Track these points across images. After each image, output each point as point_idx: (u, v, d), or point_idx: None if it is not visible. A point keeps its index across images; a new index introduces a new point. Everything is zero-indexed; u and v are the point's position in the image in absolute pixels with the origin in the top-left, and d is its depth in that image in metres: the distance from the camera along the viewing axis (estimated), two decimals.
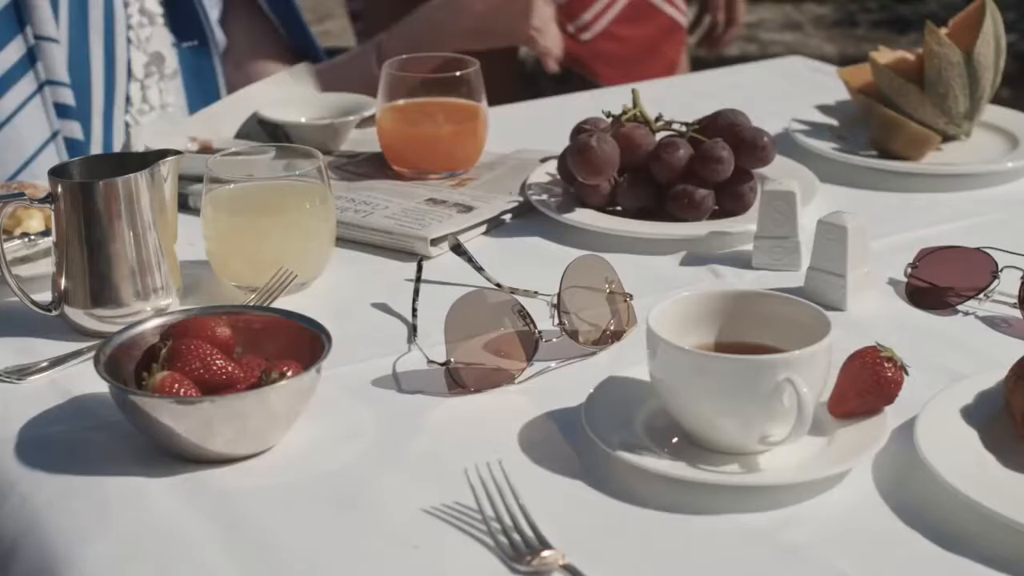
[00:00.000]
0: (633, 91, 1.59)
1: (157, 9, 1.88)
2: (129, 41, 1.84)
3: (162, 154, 1.34)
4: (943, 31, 1.71)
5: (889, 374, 1.11)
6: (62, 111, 1.77)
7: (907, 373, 1.12)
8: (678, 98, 1.90)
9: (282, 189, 1.40)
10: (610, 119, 1.56)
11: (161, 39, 1.88)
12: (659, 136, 1.55)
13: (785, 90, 2.03)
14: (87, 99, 1.81)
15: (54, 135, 1.77)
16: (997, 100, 1.80)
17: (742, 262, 1.45)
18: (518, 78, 2.88)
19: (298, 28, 2.03)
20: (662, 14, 2.69)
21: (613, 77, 2.60)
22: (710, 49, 2.83)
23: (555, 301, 1.27)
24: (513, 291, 1.35)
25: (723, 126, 1.53)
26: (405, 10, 2.06)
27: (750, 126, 1.53)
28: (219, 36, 1.95)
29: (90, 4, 1.80)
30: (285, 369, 1.12)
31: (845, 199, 1.62)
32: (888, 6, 3.41)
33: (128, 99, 1.85)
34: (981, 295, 1.35)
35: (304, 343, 1.17)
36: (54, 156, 1.76)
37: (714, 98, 1.72)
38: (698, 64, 2.73)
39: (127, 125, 1.84)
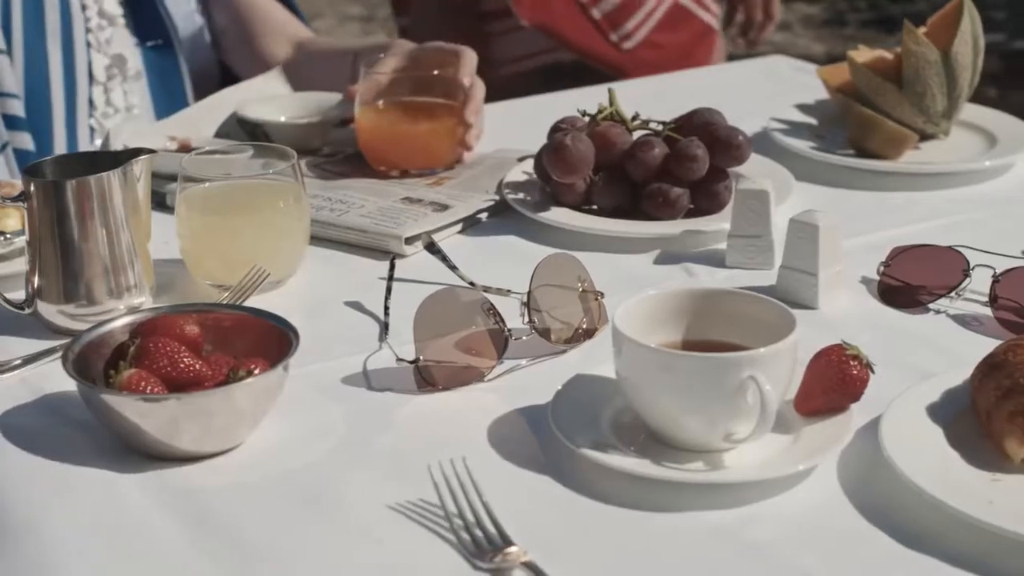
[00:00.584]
0: (609, 90, 1.59)
1: (117, 10, 1.87)
2: (89, 44, 1.84)
3: (135, 153, 1.34)
4: (921, 30, 1.71)
5: (855, 372, 1.11)
6: (11, 123, 1.77)
7: (873, 371, 1.12)
8: (659, 98, 1.90)
9: (256, 188, 1.40)
10: (586, 118, 1.56)
11: (123, 40, 1.88)
12: (636, 135, 1.55)
13: (767, 89, 2.03)
14: (46, 106, 1.80)
15: (3, 147, 1.77)
16: (984, 99, 1.80)
17: (716, 261, 1.45)
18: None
19: None
20: (696, 19, 2.64)
21: None
22: (748, 48, 2.79)
23: (525, 299, 1.27)
24: (486, 289, 1.36)
25: (698, 125, 1.53)
26: (448, 26, 2.07)
27: (725, 125, 1.53)
28: (184, 33, 1.94)
29: (46, 9, 1.80)
30: (252, 367, 1.12)
31: (822, 198, 1.62)
32: (877, 5, 3.41)
33: (91, 103, 1.85)
34: (952, 294, 1.36)
35: (273, 341, 1.17)
36: (3, 169, 1.76)
37: (695, 98, 1.72)
38: None
39: (92, 129, 1.84)
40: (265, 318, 1.20)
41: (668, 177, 1.50)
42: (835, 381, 1.11)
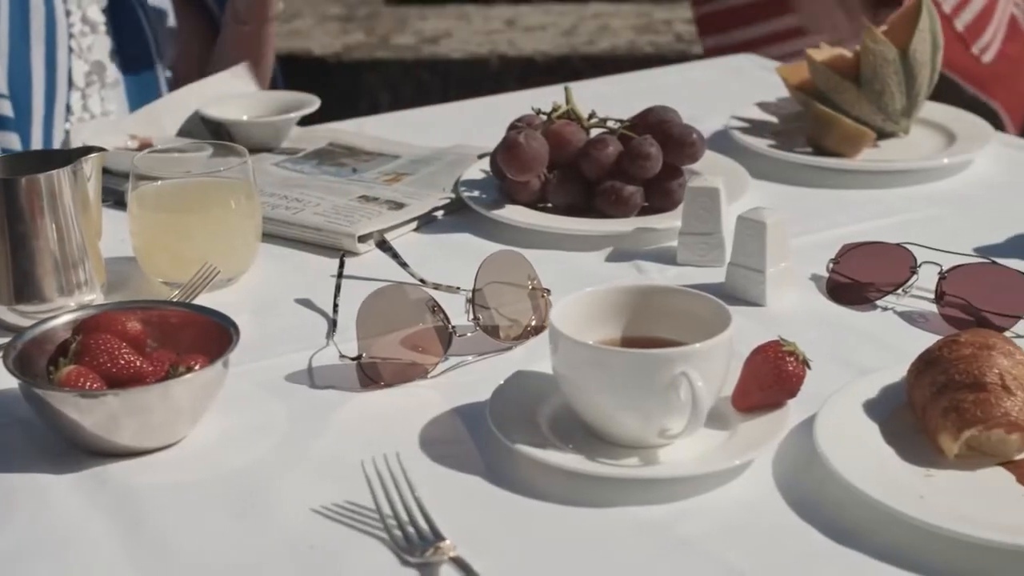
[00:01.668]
0: (566, 88, 1.60)
1: (100, 17, 1.88)
2: (71, 50, 1.85)
3: (85, 151, 1.35)
4: (881, 29, 1.71)
5: (790, 368, 1.12)
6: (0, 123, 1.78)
7: (809, 367, 1.13)
8: (624, 96, 1.89)
9: (207, 186, 1.41)
10: (543, 116, 1.57)
11: (103, 47, 1.89)
12: (594, 133, 1.56)
13: (732, 87, 2.04)
14: (27, 109, 1.81)
15: None
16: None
17: (667, 258, 1.45)
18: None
19: None
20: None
21: (1008, 101, 2.48)
22: None
23: (470, 296, 1.27)
24: (436, 287, 1.36)
25: (653, 123, 1.54)
26: None
27: (679, 123, 1.53)
28: (164, 42, 1.95)
29: (31, 13, 1.81)
30: (192, 363, 1.13)
31: (779, 196, 1.63)
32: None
33: (69, 108, 1.85)
34: (900, 291, 1.36)
35: (216, 338, 1.17)
36: None
37: (658, 96, 1.72)
38: None
39: (67, 133, 1.84)
40: (207, 315, 1.20)
41: (622, 175, 1.51)
42: (771, 377, 1.12)
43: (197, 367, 1.12)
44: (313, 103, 1.77)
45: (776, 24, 2.54)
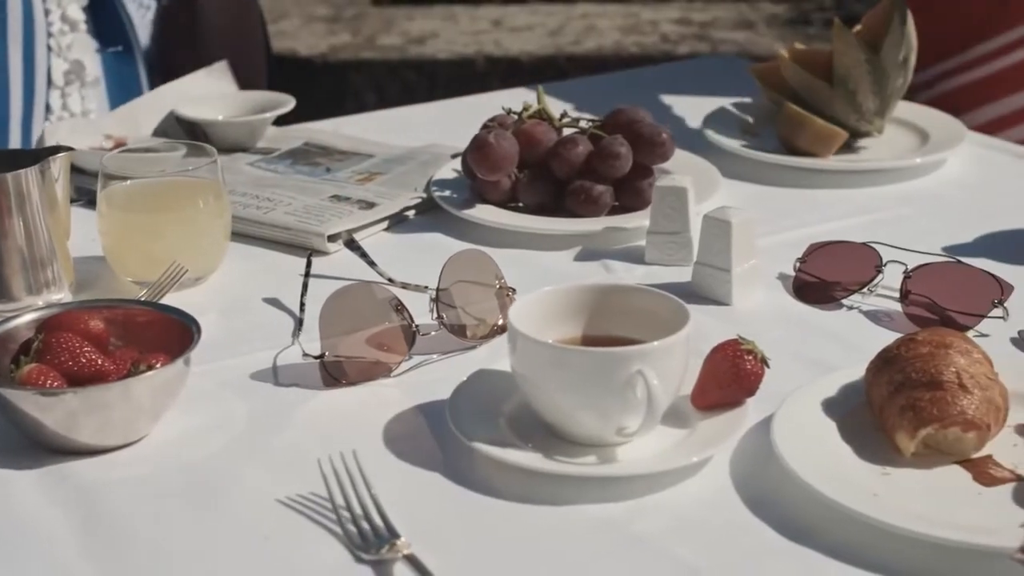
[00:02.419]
0: (538, 88, 1.60)
1: (79, 16, 1.88)
2: (49, 48, 1.85)
3: (53, 150, 1.35)
4: (856, 28, 1.72)
5: (748, 367, 1.12)
6: None
7: (768, 366, 1.13)
8: (599, 97, 1.90)
9: (176, 186, 1.41)
10: (514, 116, 1.57)
11: (83, 46, 1.89)
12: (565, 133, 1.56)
13: (709, 88, 2.03)
14: (4, 108, 1.81)
15: None
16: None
17: (635, 257, 1.46)
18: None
19: None
20: None
21: None
22: None
23: (434, 295, 1.28)
24: (404, 286, 1.37)
25: (623, 123, 1.54)
26: None
27: (649, 123, 1.54)
28: (145, 40, 1.95)
29: (8, 13, 1.81)
30: (154, 361, 1.13)
31: (752, 195, 1.63)
32: (844, 4, 3.42)
33: (48, 107, 1.86)
34: (865, 290, 1.36)
35: (179, 336, 1.18)
36: None
37: (636, 96, 1.72)
38: None
39: (42, 133, 1.85)
40: (169, 313, 1.20)
41: (592, 175, 1.51)
42: (729, 376, 1.12)
43: (158, 365, 1.13)
44: (288, 103, 1.77)
45: None
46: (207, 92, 1.82)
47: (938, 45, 1.91)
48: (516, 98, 1.72)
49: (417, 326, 1.24)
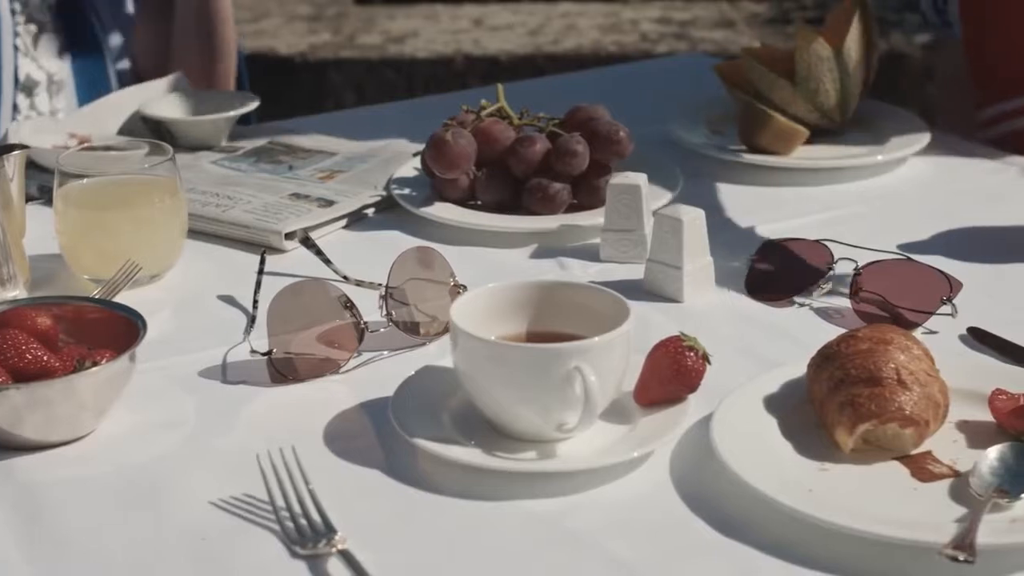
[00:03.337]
0: (498, 86, 1.61)
1: (46, 17, 1.88)
2: (16, 49, 1.85)
3: (7, 149, 1.36)
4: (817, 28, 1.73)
5: (690, 363, 1.13)
6: None
7: (710, 362, 1.14)
8: (567, 95, 1.90)
9: (132, 184, 1.42)
10: (473, 115, 1.58)
11: (51, 46, 1.89)
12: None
13: (678, 86, 2.04)
14: None
15: None
16: (925, 95, 1.81)
17: (591, 255, 1.46)
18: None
19: None
20: None
21: None
22: None
23: (383, 292, 1.28)
24: (359, 283, 1.37)
25: (581, 120, 1.55)
26: None
27: (607, 120, 1.54)
28: (113, 41, 1.95)
29: None
30: (99, 358, 1.14)
31: (713, 193, 1.63)
32: (824, 3, 3.43)
33: (15, 107, 1.86)
34: (816, 287, 1.37)
35: (126, 333, 1.18)
36: None
37: (603, 94, 1.72)
38: None
39: (6, 132, 1.85)
40: (117, 310, 1.21)
41: (549, 172, 1.52)
42: (670, 372, 1.12)
43: (104, 362, 1.13)
44: (252, 102, 1.78)
45: None
46: (171, 91, 1.82)
47: (999, 85, 1.89)
48: (493, 96, 1.72)
49: (366, 323, 1.25)
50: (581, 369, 1.05)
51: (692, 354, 1.13)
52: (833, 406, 1.10)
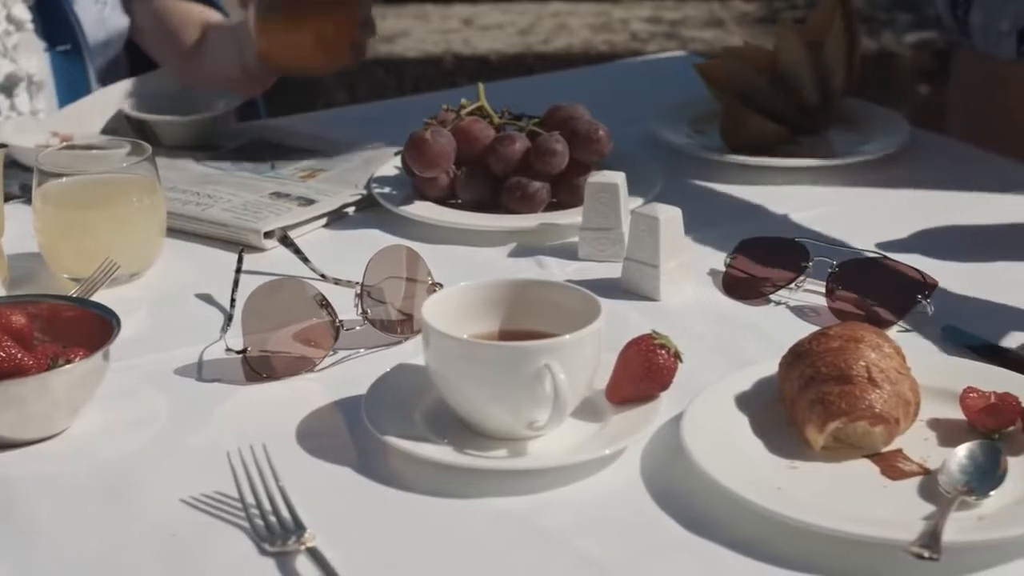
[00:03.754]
0: (479, 85, 1.61)
1: (26, 15, 1.88)
2: None
3: None
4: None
5: (661, 361, 1.13)
6: None
7: (681, 360, 1.14)
8: (551, 95, 1.90)
9: (111, 183, 1.42)
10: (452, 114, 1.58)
11: (30, 46, 1.89)
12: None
13: (664, 86, 2.04)
14: None
15: None
16: (917, 95, 1.81)
17: (570, 253, 1.46)
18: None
19: None
20: None
21: None
22: None
23: (359, 291, 1.29)
24: (337, 282, 1.38)
25: (561, 119, 1.55)
26: None
27: (587, 119, 1.55)
28: (93, 39, 1.95)
29: None
30: (73, 356, 1.14)
31: (694, 192, 1.64)
32: (814, 2, 3.42)
33: None
34: (792, 285, 1.37)
35: (101, 331, 1.19)
36: None
37: (589, 94, 1.72)
38: None
39: None
40: (91, 308, 1.21)
41: (529, 171, 1.52)
42: (642, 370, 1.13)
43: (77, 360, 1.13)
44: (236, 100, 1.78)
45: None
46: (156, 90, 1.83)
47: None
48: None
49: (341, 321, 1.25)
50: (551, 367, 1.05)
51: (664, 352, 1.13)
52: (804, 404, 1.10)
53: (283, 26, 1.75)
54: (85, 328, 1.20)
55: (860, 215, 1.58)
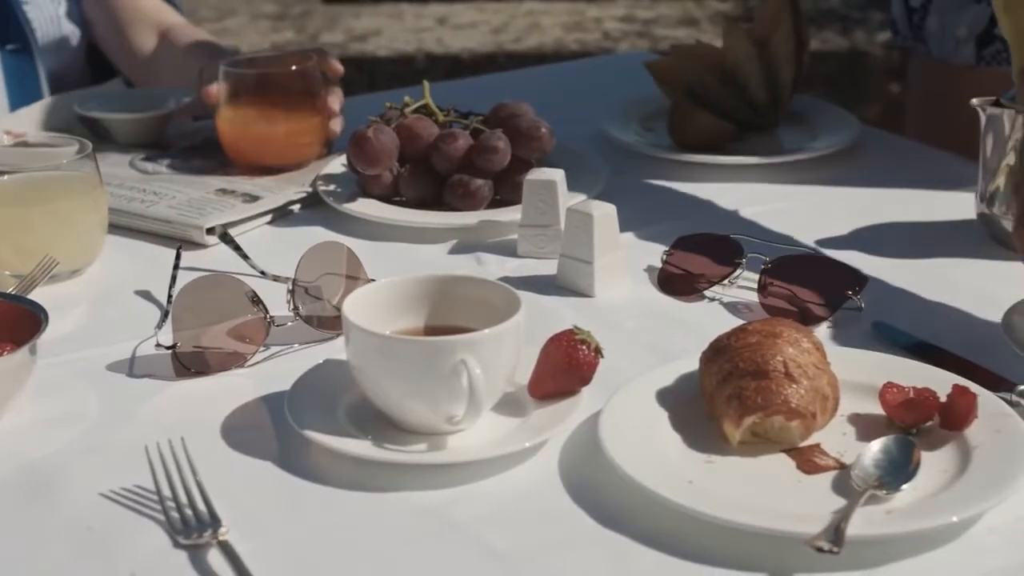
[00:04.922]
0: (424, 83, 1.62)
1: None
2: None
3: None
4: (746, 25, 1.73)
5: (582, 356, 1.13)
6: None
7: (602, 356, 1.15)
8: (504, 94, 1.91)
9: (51, 180, 1.43)
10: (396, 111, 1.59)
11: None
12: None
13: (618, 84, 2.05)
14: None
15: None
16: (888, 93, 1.81)
17: (509, 250, 1.47)
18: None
19: None
20: None
21: None
22: None
23: (290, 287, 1.30)
24: (276, 278, 1.38)
25: (504, 117, 1.56)
26: None
27: (529, 117, 1.55)
28: (44, 38, 1.96)
29: None
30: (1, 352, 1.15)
31: (642, 190, 1.65)
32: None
33: None
34: (726, 281, 1.38)
35: (30, 327, 1.19)
36: None
37: (534, 94, 1.73)
38: None
39: None
40: (21, 304, 1.22)
41: (471, 169, 1.53)
42: (563, 365, 1.13)
43: (3, 355, 1.14)
44: (186, 95, 1.79)
45: None
46: (108, 89, 1.84)
47: None
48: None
49: (272, 317, 1.26)
50: (467, 362, 1.06)
51: (584, 347, 1.14)
52: (721, 398, 1.11)
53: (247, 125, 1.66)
54: (12, 324, 1.21)
55: (806, 212, 1.58)
